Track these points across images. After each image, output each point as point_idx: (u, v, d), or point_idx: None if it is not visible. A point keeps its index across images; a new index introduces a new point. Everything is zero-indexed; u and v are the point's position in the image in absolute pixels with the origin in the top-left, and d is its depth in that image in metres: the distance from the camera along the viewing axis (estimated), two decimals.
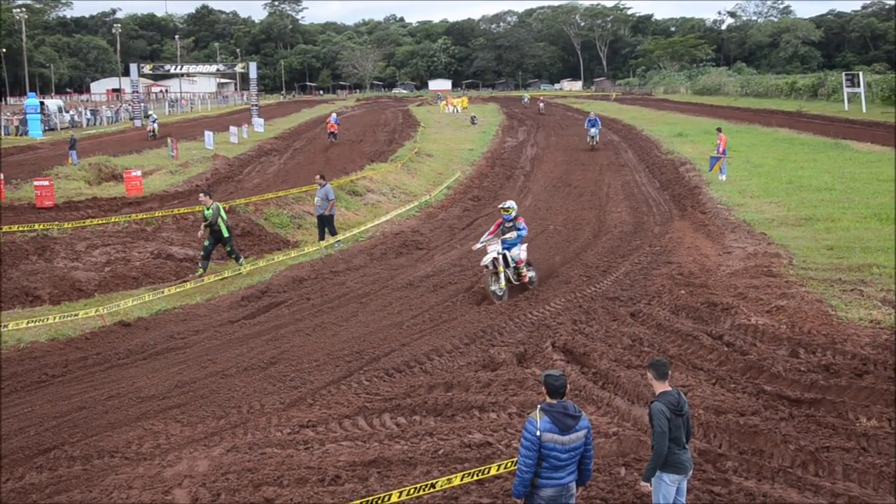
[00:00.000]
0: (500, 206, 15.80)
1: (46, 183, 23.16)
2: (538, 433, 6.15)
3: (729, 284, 14.75)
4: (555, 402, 6.29)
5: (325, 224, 20.42)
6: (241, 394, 10.74)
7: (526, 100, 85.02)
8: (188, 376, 11.53)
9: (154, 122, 48.35)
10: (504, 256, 14.99)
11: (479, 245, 15.51)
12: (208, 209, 17.55)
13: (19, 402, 10.77)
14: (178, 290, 15.94)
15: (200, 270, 17.46)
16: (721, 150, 28.15)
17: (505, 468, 7.33)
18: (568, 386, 6.67)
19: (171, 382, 11.28)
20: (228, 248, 17.99)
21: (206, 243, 17.65)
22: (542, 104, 71.37)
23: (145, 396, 10.78)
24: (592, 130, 41.51)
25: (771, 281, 14.74)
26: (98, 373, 11.87)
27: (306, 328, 13.69)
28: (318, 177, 20.71)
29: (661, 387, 6.58)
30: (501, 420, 9.32)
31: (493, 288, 14.93)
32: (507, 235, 15.10)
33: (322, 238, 20.42)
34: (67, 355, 12.61)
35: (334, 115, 48.80)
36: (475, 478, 7.38)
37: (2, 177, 23.95)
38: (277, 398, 10.45)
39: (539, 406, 6.32)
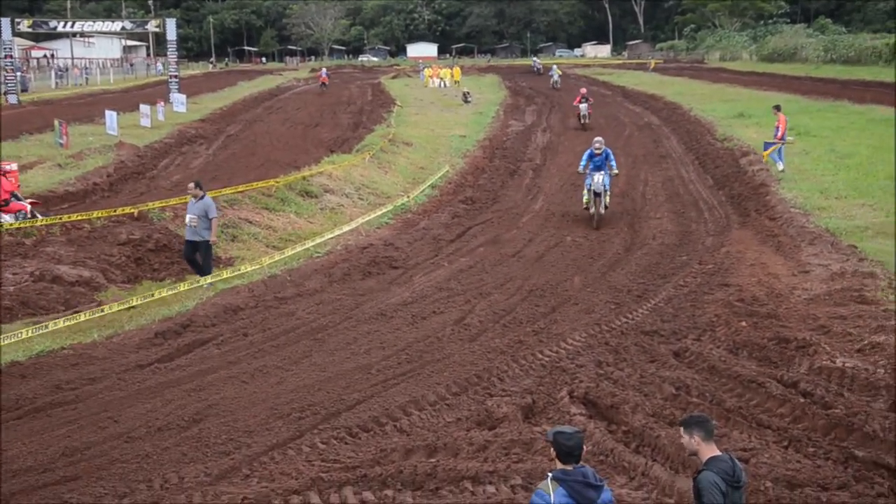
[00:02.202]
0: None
1: None
2: None
3: (806, 314, 14.84)
4: (570, 468, 6.32)
5: (200, 253, 18.92)
6: (153, 463, 10.67)
7: (555, 76, 71.33)
8: (80, 440, 11.43)
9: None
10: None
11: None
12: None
13: None
14: (68, 324, 15.88)
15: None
16: (780, 133, 28.41)
17: None
18: (584, 447, 6.70)
19: (56, 449, 11.18)
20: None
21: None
22: (555, 75, 71.30)
23: (20, 469, 10.68)
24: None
25: (863, 309, 14.83)
26: None
27: (242, 374, 13.64)
28: (191, 185, 19.04)
29: (708, 450, 6.60)
30: (502, 495, 9.33)
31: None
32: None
33: (199, 271, 19.02)
34: None
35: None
36: None
37: None
38: (202, 468, 10.41)
39: (550, 474, 6.35)
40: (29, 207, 21.98)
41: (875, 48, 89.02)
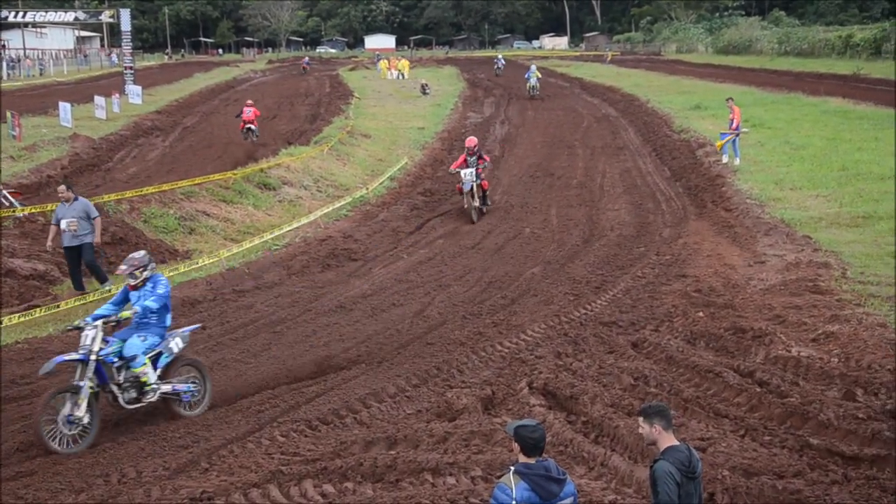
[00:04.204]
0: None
1: None
2: (514, 503, 6.18)
3: (762, 304, 14.99)
4: (532, 461, 6.33)
5: (84, 260, 17.52)
6: (110, 457, 10.59)
7: (532, 79, 57.08)
8: (35, 435, 11.32)
9: None
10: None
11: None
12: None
13: None
14: (22, 319, 15.69)
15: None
16: (734, 125, 28.64)
17: None
18: (546, 439, 6.72)
19: (11, 445, 11.04)
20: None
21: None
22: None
23: None
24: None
25: (818, 299, 15.01)
26: None
27: None
28: (63, 188, 17.66)
29: (666, 440, 6.64)
30: (462, 487, 9.34)
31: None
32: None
33: (79, 285, 17.68)
34: None
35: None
36: None
37: None
38: (160, 462, 10.34)
39: (512, 468, 6.35)
40: None
41: (828, 41, 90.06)
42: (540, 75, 58.32)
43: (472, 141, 25.37)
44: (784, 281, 16.35)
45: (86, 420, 11.05)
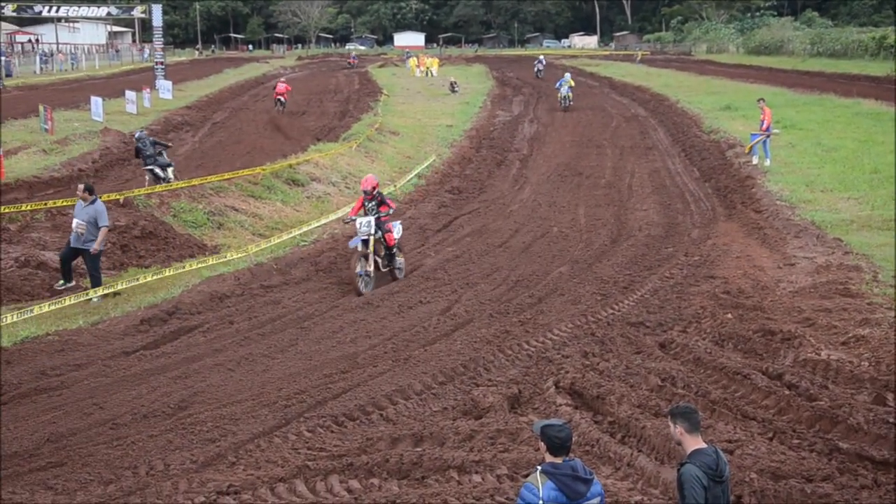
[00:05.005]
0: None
1: None
2: (540, 503, 6.17)
3: (791, 307, 14.91)
4: (559, 461, 6.32)
5: (86, 262, 17.38)
6: (139, 450, 10.66)
7: (563, 90, 50.23)
8: (65, 427, 11.41)
9: None
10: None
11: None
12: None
13: None
14: (53, 308, 15.82)
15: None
16: (765, 126, 28.46)
17: None
18: (573, 438, 6.71)
19: (41, 435, 11.14)
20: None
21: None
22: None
23: (5, 455, 10.64)
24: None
25: (848, 302, 14.91)
26: None
27: (228, 361, 13.63)
28: (81, 188, 17.33)
29: (693, 443, 6.62)
30: (488, 485, 9.34)
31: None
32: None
33: (69, 277, 17.59)
34: None
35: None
36: None
37: None
38: (188, 455, 10.40)
39: (539, 467, 6.34)
40: None
41: (861, 42, 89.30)
42: (573, 84, 51.27)
43: (368, 181, 18.73)
44: (814, 283, 16.25)
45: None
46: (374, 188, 18.26)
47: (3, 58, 66.14)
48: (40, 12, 70.26)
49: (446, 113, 46.70)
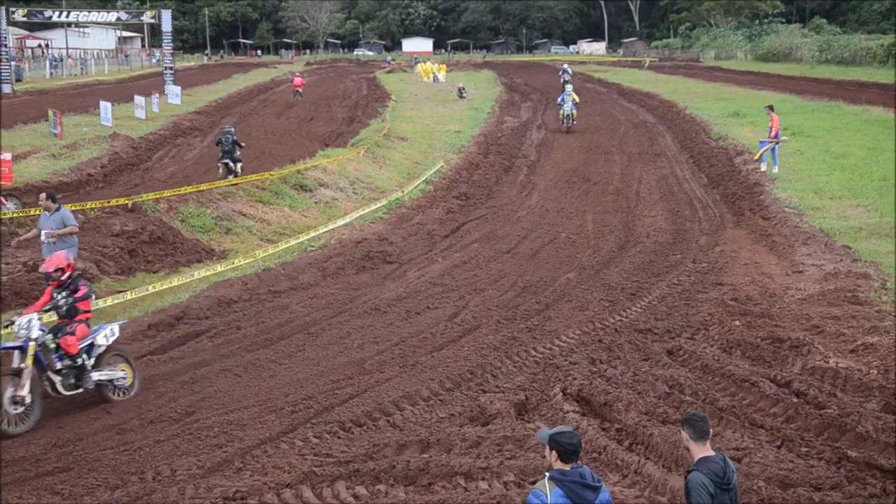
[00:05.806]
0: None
1: None
2: None
3: (800, 314, 14.86)
4: (568, 468, 6.32)
5: None
6: (145, 455, 10.67)
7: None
8: (72, 432, 11.45)
9: None
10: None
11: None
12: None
13: None
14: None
15: None
16: (773, 133, 28.42)
17: None
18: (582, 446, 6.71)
19: (48, 440, 11.18)
20: None
21: None
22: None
23: (12, 459, 10.68)
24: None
25: (857, 310, 14.86)
26: None
27: (235, 367, 13.66)
28: (43, 197, 16.82)
29: (700, 450, 6.62)
30: (495, 491, 9.33)
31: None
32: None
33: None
34: None
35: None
36: None
37: None
38: (195, 460, 10.41)
39: (547, 474, 6.34)
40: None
41: (870, 49, 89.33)
42: (577, 99, 44.96)
43: (51, 262, 12.72)
44: (822, 291, 16.20)
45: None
46: (58, 270, 12.62)
47: (12, 62, 66.34)
48: (50, 17, 70.55)
49: (454, 119, 46.72)
